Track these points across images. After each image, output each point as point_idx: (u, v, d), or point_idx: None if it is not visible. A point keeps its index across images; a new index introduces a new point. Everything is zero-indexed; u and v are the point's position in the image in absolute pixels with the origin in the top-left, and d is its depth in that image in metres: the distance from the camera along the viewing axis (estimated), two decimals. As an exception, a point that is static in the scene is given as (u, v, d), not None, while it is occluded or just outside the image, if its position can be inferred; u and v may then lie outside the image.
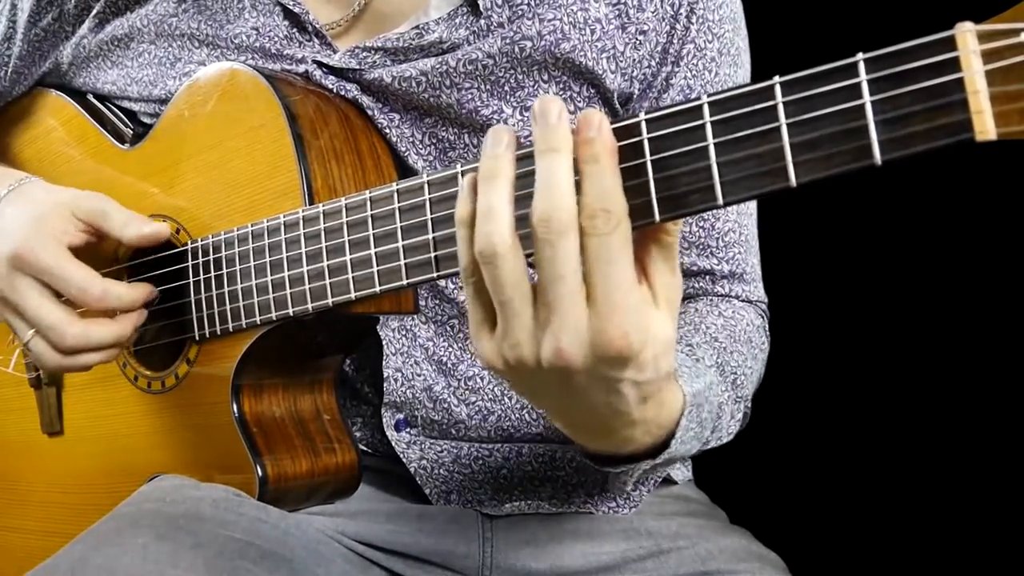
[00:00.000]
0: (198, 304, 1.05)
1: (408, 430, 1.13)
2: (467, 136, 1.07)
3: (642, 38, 1.05)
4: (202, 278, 1.04)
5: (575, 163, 0.67)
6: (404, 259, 0.86)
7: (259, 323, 1.00)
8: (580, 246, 0.66)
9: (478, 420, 1.13)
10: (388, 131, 1.07)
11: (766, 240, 1.21)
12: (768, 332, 1.17)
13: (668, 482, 1.22)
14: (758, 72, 1.14)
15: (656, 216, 0.71)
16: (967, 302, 1.67)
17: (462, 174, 0.81)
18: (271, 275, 0.97)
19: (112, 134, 1.18)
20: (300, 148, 0.99)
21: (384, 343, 1.10)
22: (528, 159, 0.71)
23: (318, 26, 1.09)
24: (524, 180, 0.71)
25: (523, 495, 1.14)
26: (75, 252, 1.03)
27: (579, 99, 1.06)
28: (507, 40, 1.04)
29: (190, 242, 1.06)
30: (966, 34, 0.59)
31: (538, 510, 1.14)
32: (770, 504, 1.67)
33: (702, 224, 1.12)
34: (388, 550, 1.09)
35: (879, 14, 0.64)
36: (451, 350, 1.12)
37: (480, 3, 1.03)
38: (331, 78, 1.08)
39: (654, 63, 1.07)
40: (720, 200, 0.68)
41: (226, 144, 1.04)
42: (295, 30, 1.10)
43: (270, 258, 0.97)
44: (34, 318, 1.02)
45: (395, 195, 0.86)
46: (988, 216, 1.60)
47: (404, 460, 1.12)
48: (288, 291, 0.96)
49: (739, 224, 1.14)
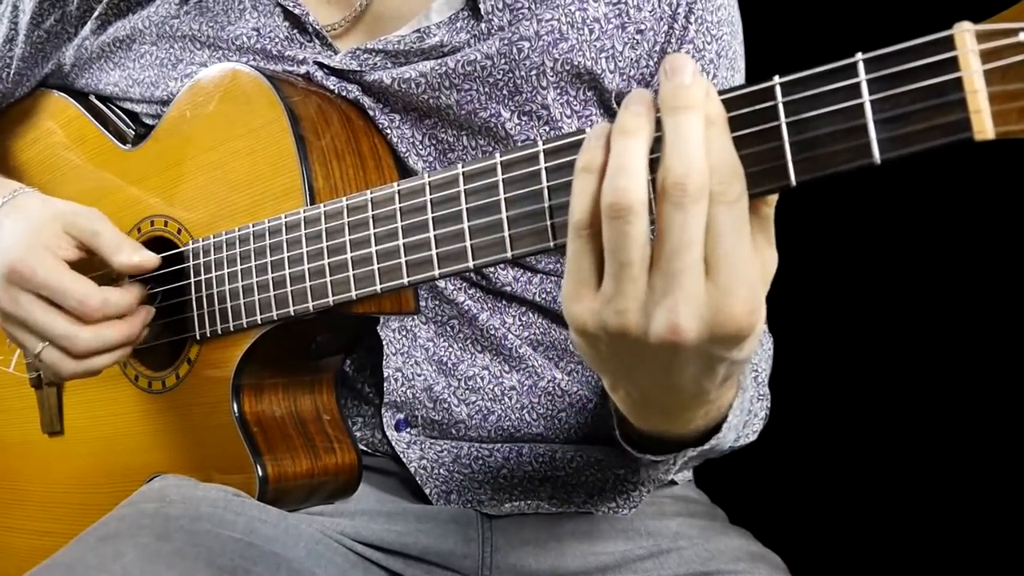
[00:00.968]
0: (199, 303, 1.05)
1: (408, 430, 1.14)
2: (466, 138, 1.08)
3: (639, 37, 1.05)
4: (203, 278, 1.05)
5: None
6: (405, 257, 0.87)
7: (260, 322, 1.00)
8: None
9: (478, 420, 1.13)
10: (388, 132, 1.08)
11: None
12: (769, 333, 1.17)
13: (668, 482, 1.22)
14: (758, 72, 1.14)
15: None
16: (966, 302, 1.68)
17: (463, 175, 0.82)
18: (272, 274, 0.98)
19: (114, 135, 1.18)
20: (302, 149, 0.99)
21: (384, 343, 1.10)
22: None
23: (318, 27, 1.09)
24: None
25: (523, 495, 1.14)
26: (81, 266, 1.04)
27: (575, 103, 1.06)
28: (505, 41, 1.04)
29: (191, 242, 1.06)
30: (965, 34, 0.60)
31: (538, 510, 1.14)
32: (770, 504, 1.67)
33: None
34: (388, 550, 1.09)
35: (878, 14, 0.64)
36: (451, 350, 1.12)
37: (481, 7, 1.03)
38: (332, 79, 1.08)
39: (652, 63, 1.06)
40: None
41: (228, 145, 1.05)
42: (296, 31, 1.10)
43: (271, 258, 0.98)
44: (43, 330, 1.02)
45: (396, 195, 0.87)
46: (987, 215, 1.60)
47: (404, 460, 1.12)
48: (289, 289, 0.97)
49: None
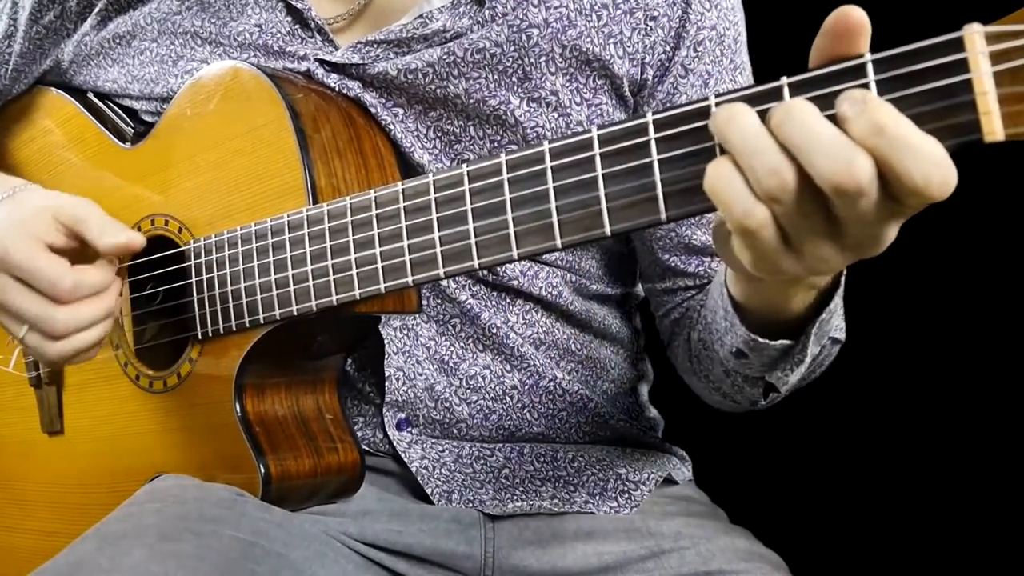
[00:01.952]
0: (200, 303, 1.05)
1: (409, 429, 1.13)
2: (473, 128, 1.07)
3: (652, 23, 1.05)
4: (204, 277, 1.04)
5: None
6: (409, 257, 0.86)
7: (262, 321, 0.99)
8: None
9: (479, 419, 1.13)
10: (392, 127, 1.07)
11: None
12: None
13: (669, 482, 1.22)
14: (766, 72, 1.14)
15: (663, 215, 0.72)
16: (969, 302, 1.68)
17: (468, 175, 0.82)
18: (275, 274, 0.97)
19: (113, 133, 1.18)
20: (303, 147, 0.98)
21: (386, 342, 1.10)
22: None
23: (320, 21, 1.09)
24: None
25: (525, 495, 1.14)
26: (72, 254, 1.03)
27: (585, 90, 1.06)
28: (514, 28, 1.04)
29: (192, 241, 1.06)
30: (974, 35, 0.60)
31: (539, 510, 1.14)
32: (771, 504, 1.67)
33: None
34: (390, 550, 1.09)
35: (887, 15, 0.64)
36: (453, 349, 1.12)
37: None
38: (333, 76, 1.08)
39: (668, 47, 1.06)
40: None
41: (229, 143, 1.04)
42: (297, 26, 1.10)
43: (274, 257, 0.97)
44: (20, 312, 1.01)
45: (400, 195, 0.86)
46: (994, 217, 1.60)
47: (405, 460, 1.12)
48: (292, 289, 0.96)
49: None
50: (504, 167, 0.80)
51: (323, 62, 1.08)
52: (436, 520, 1.11)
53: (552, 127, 1.06)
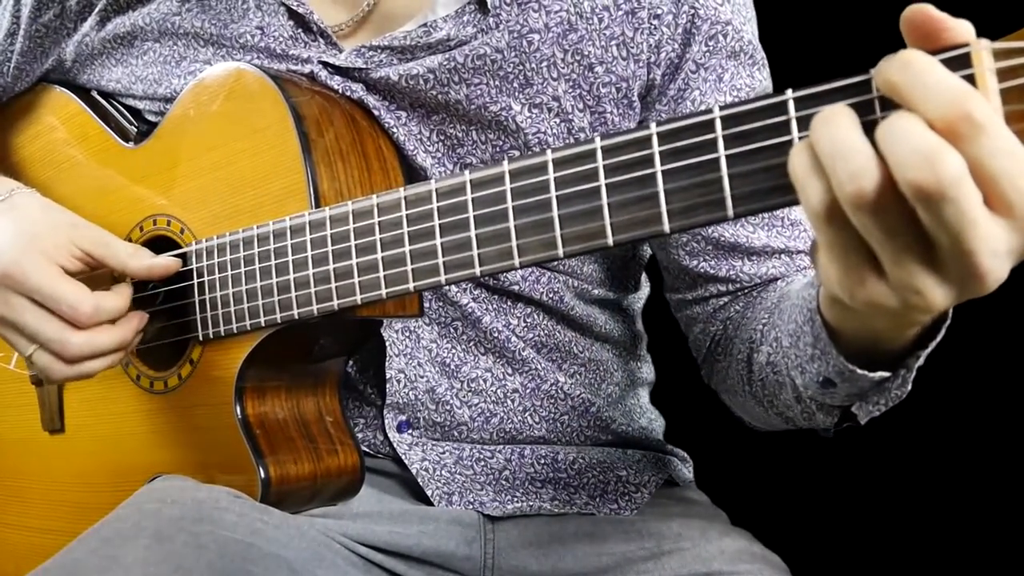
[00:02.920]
0: (202, 305, 1.04)
1: (410, 432, 1.13)
2: (475, 132, 1.07)
3: (656, 22, 1.04)
4: (206, 279, 1.04)
5: None
6: (411, 265, 0.86)
7: (263, 325, 0.99)
8: None
9: (480, 422, 1.13)
10: (395, 130, 1.07)
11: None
12: None
13: (670, 484, 1.22)
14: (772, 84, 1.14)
15: (665, 226, 0.71)
16: (969, 303, 1.67)
17: (471, 183, 0.81)
18: (276, 278, 0.97)
19: (116, 132, 1.17)
20: (306, 150, 0.98)
21: (387, 344, 1.10)
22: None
23: (323, 26, 1.08)
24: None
25: (525, 497, 1.14)
26: (70, 273, 1.03)
27: (588, 97, 1.05)
28: (515, 34, 1.03)
29: (194, 243, 1.05)
30: (982, 52, 0.59)
31: (540, 511, 1.14)
32: (771, 505, 1.67)
33: None
34: (390, 551, 1.08)
35: (894, 29, 0.63)
36: (454, 352, 1.12)
37: (489, 0, 1.02)
38: (336, 78, 1.07)
39: (676, 45, 1.04)
40: (730, 213, 0.68)
41: (231, 144, 1.04)
42: (300, 30, 1.09)
43: (275, 261, 0.97)
44: (34, 333, 1.01)
45: (403, 202, 0.86)
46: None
47: (406, 461, 1.12)
48: (293, 293, 0.96)
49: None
50: (507, 175, 0.79)
51: (326, 64, 1.08)
52: (436, 522, 1.10)
53: (554, 133, 1.06)
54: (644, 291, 1.29)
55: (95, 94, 1.22)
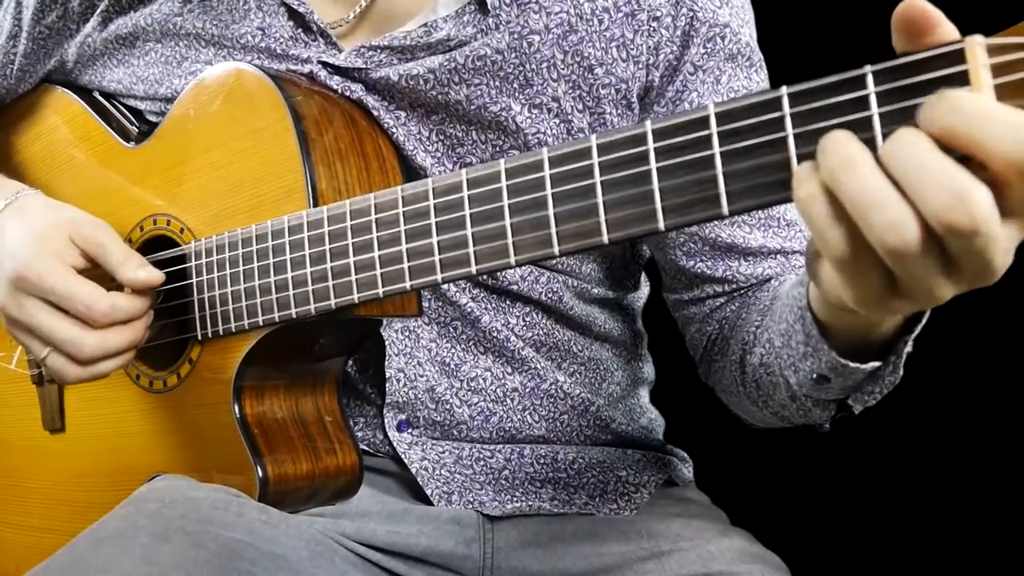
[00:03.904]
0: (200, 304, 1.05)
1: (410, 431, 1.13)
2: (475, 132, 1.07)
3: (655, 24, 1.04)
4: (205, 278, 1.04)
5: None
6: (408, 263, 0.86)
7: (261, 324, 0.99)
8: None
9: (480, 421, 1.13)
10: (394, 130, 1.07)
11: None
12: None
13: (669, 484, 1.22)
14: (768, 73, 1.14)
15: (660, 224, 0.71)
16: (967, 304, 1.67)
17: (467, 181, 0.81)
18: (274, 276, 0.97)
19: (118, 132, 1.18)
20: (305, 150, 0.98)
21: (387, 344, 1.10)
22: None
23: (323, 26, 1.09)
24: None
25: (524, 496, 1.14)
26: (86, 273, 1.03)
27: (588, 97, 1.05)
28: (515, 35, 1.03)
29: (193, 242, 1.06)
30: (976, 47, 0.59)
31: (539, 511, 1.14)
32: (771, 505, 1.67)
33: None
34: (389, 551, 1.09)
35: (888, 25, 0.63)
36: (454, 351, 1.12)
37: (488, 1, 1.02)
38: (336, 78, 1.08)
39: (675, 47, 1.05)
40: (725, 210, 0.68)
41: (231, 144, 1.04)
42: (300, 30, 1.10)
43: (273, 260, 0.97)
44: (48, 335, 1.01)
45: (400, 200, 0.86)
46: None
47: (405, 461, 1.12)
48: (291, 292, 0.96)
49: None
50: (503, 174, 0.79)
51: (326, 64, 1.08)
52: (435, 521, 1.10)
53: (554, 133, 1.06)
54: (644, 290, 1.29)
55: (97, 95, 1.22)
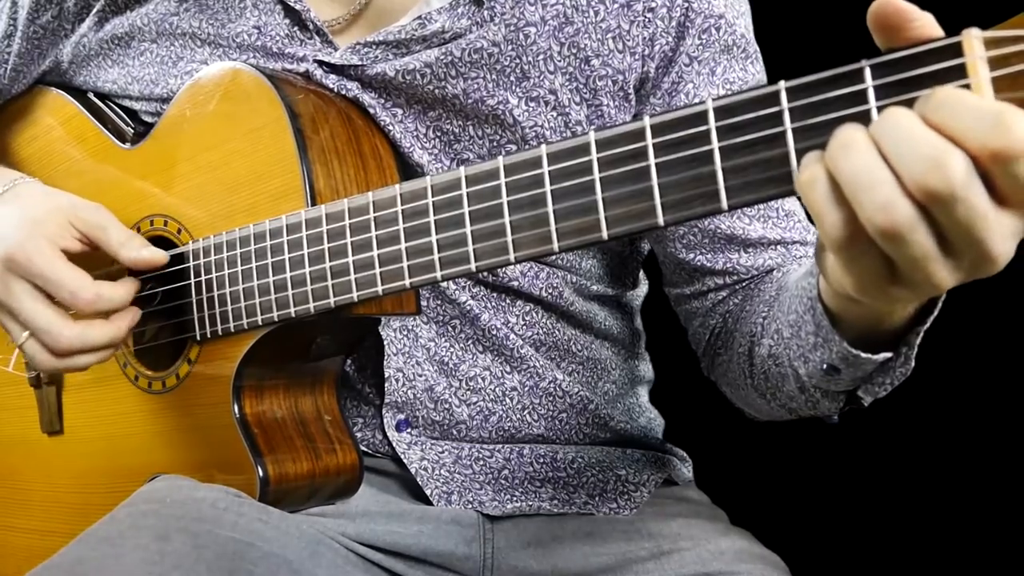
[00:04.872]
0: (199, 304, 1.05)
1: (409, 430, 1.13)
2: (472, 127, 1.07)
3: (651, 15, 1.04)
4: (203, 278, 1.04)
5: None
6: (407, 261, 0.86)
7: (260, 323, 0.99)
8: None
9: (479, 421, 1.13)
10: (391, 127, 1.07)
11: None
12: None
13: (669, 483, 1.22)
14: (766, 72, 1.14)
15: (660, 220, 0.71)
16: (968, 303, 1.67)
17: (466, 178, 0.81)
18: (273, 276, 0.97)
19: (113, 133, 1.17)
20: (302, 149, 0.98)
21: (385, 343, 1.10)
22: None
23: (319, 23, 1.09)
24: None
25: (524, 496, 1.14)
26: (72, 254, 1.03)
27: (585, 89, 1.06)
28: (511, 27, 1.03)
29: (191, 242, 1.06)
30: (973, 40, 0.59)
31: (539, 511, 1.14)
32: (771, 505, 1.67)
33: None
34: (389, 551, 1.08)
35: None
36: (453, 350, 1.12)
37: None
38: (332, 77, 1.08)
39: (670, 38, 1.05)
40: (724, 205, 0.68)
41: (228, 144, 1.04)
42: (296, 28, 1.10)
43: (272, 259, 0.97)
44: (28, 320, 1.01)
45: (398, 198, 0.86)
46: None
47: (405, 460, 1.12)
48: (290, 292, 0.96)
49: None
50: (502, 170, 0.79)
51: (322, 63, 1.08)
52: (435, 521, 1.10)
53: (551, 126, 1.06)
54: (643, 288, 1.29)
55: (91, 95, 1.22)
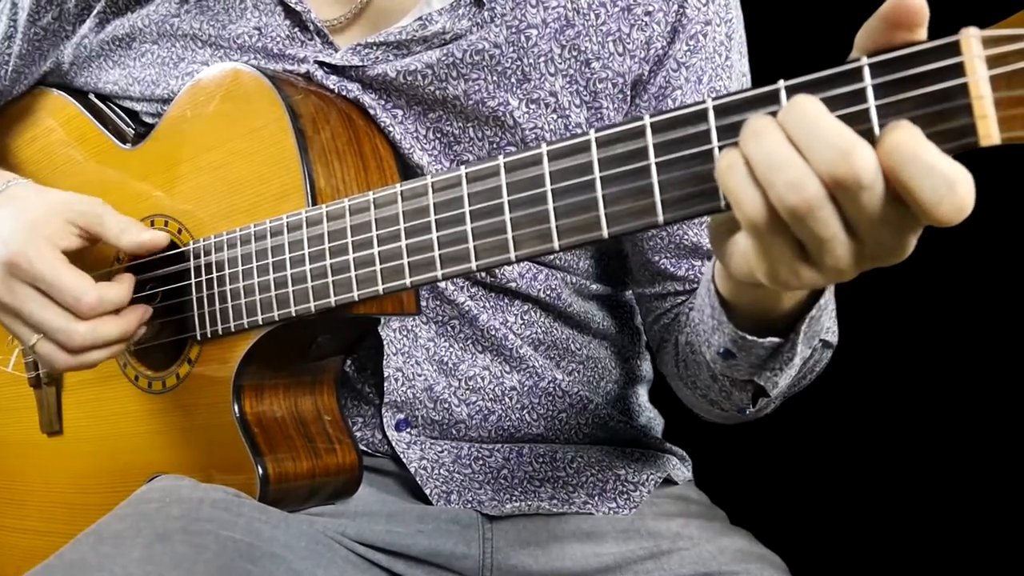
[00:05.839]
0: (199, 303, 1.05)
1: (408, 430, 1.13)
2: (472, 129, 1.07)
3: (648, 19, 1.05)
4: (204, 278, 1.04)
5: None
6: (408, 259, 0.87)
7: (261, 323, 1.00)
8: None
9: (478, 420, 1.13)
10: (391, 128, 1.07)
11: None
12: None
13: (668, 482, 1.22)
14: (762, 76, 1.14)
15: (660, 218, 0.72)
16: (968, 303, 1.67)
17: (466, 177, 0.82)
18: (273, 274, 0.97)
19: (114, 134, 1.18)
20: (303, 149, 0.98)
21: (385, 343, 1.10)
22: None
23: (319, 24, 1.09)
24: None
25: (523, 495, 1.14)
26: (72, 255, 1.03)
27: (585, 92, 1.06)
28: (512, 29, 1.04)
29: (192, 242, 1.06)
30: (971, 39, 0.59)
31: (538, 511, 1.14)
32: (770, 505, 1.67)
33: None
34: (388, 550, 1.09)
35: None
36: (452, 350, 1.12)
37: None
38: (332, 78, 1.08)
39: (664, 42, 1.05)
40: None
41: (228, 145, 1.04)
42: (296, 29, 1.10)
43: (272, 258, 0.97)
44: (39, 323, 1.01)
45: (399, 196, 0.87)
46: (991, 220, 1.60)
47: (404, 460, 1.12)
48: (290, 290, 0.96)
49: None
50: (502, 169, 0.79)
51: (322, 64, 1.08)
52: (434, 520, 1.11)
53: (551, 128, 1.06)
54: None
55: (92, 96, 1.22)
